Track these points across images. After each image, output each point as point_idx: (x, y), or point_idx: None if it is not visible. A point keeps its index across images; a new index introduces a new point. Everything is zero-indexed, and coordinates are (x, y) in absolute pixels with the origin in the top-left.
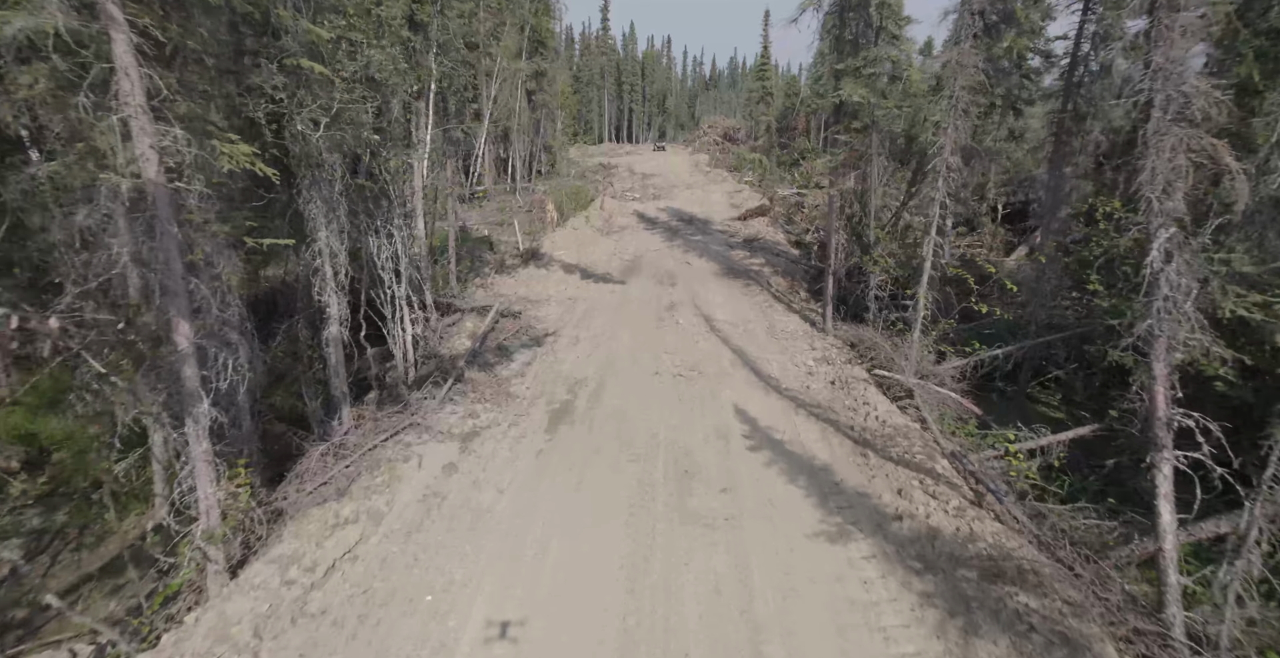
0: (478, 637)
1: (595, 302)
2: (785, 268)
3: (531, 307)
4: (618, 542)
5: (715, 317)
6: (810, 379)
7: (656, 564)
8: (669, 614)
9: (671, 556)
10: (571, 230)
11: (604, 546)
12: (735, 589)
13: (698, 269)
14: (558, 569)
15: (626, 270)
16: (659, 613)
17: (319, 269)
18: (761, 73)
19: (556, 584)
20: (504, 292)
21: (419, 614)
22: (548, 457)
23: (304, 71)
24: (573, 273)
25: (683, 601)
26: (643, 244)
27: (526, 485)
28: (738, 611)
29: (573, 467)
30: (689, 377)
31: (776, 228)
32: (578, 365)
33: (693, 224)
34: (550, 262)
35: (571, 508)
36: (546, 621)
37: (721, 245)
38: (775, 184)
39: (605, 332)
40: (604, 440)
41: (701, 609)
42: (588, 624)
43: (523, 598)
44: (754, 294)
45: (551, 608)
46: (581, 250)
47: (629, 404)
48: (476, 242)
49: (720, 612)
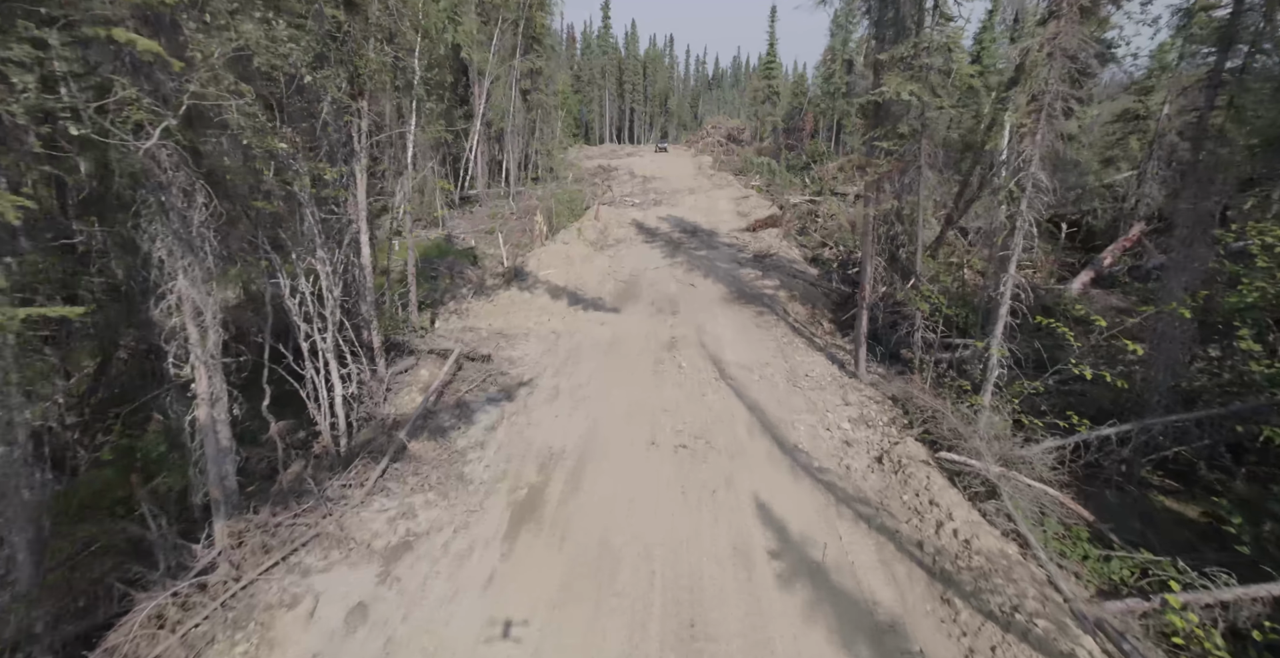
0: None
1: (582, 337)
2: (803, 291)
3: (506, 344)
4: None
5: (725, 357)
6: (849, 454)
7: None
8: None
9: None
10: (561, 245)
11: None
12: None
13: (703, 293)
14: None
15: (621, 294)
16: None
17: (176, 331)
18: (768, 71)
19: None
20: (477, 323)
21: None
22: (498, 592)
23: (122, 47)
24: (559, 297)
25: None
26: (641, 260)
27: (461, 652)
28: None
29: (530, 617)
30: (695, 449)
31: (790, 241)
32: (555, 429)
33: (697, 236)
34: (535, 283)
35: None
36: None
37: (729, 262)
38: (785, 189)
39: (592, 380)
40: (578, 566)
41: None
42: None
43: None
44: (769, 325)
45: None
46: (571, 269)
47: (616, 498)
48: (459, 255)
49: None
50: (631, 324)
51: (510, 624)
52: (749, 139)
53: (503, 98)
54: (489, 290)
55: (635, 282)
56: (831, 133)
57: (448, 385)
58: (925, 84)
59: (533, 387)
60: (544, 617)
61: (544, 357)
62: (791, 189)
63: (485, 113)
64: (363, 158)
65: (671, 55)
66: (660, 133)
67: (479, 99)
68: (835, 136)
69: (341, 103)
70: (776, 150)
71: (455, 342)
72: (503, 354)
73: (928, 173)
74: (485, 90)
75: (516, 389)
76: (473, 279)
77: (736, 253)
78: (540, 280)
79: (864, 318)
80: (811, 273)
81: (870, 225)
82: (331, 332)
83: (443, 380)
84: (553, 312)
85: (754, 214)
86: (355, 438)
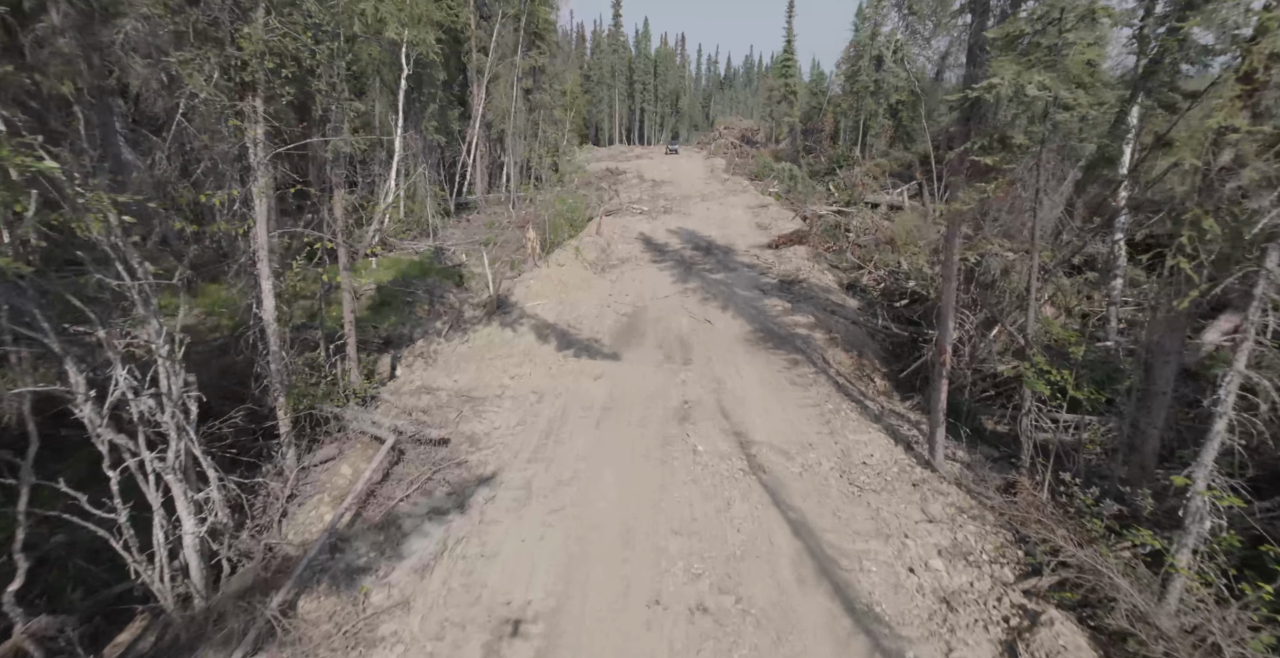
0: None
1: (570, 400)
2: (845, 332)
3: (470, 413)
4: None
5: (754, 434)
6: (955, 631)
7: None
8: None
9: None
10: (556, 267)
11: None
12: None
13: (721, 332)
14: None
15: (623, 333)
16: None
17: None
18: (785, 68)
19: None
20: (440, 380)
21: None
22: None
23: None
24: (547, 338)
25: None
26: (648, 286)
27: None
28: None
29: None
30: (719, 616)
31: (820, 262)
32: (518, 569)
33: (711, 254)
34: (521, 317)
35: None
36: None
37: (750, 288)
38: (808, 198)
39: (577, 474)
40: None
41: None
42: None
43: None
44: (806, 382)
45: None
46: (566, 298)
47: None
48: (442, 274)
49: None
50: (634, 378)
51: None
52: (763, 141)
53: (504, 98)
54: (467, 324)
55: (640, 315)
56: (859, 134)
57: (377, 488)
58: (1064, 74)
59: (496, 485)
60: None
61: (517, 433)
62: (815, 198)
63: (485, 114)
64: (259, 177)
65: (683, 54)
66: (671, 134)
67: (477, 99)
68: (861, 139)
69: (217, 101)
70: (794, 153)
71: (404, 413)
72: (465, 429)
73: (1047, 200)
74: (484, 89)
75: (474, 491)
76: (454, 304)
77: (758, 277)
78: (527, 314)
79: (943, 391)
80: (851, 306)
81: (951, 269)
82: (176, 443)
83: (369, 482)
84: (537, 359)
85: (775, 227)
86: (223, 590)
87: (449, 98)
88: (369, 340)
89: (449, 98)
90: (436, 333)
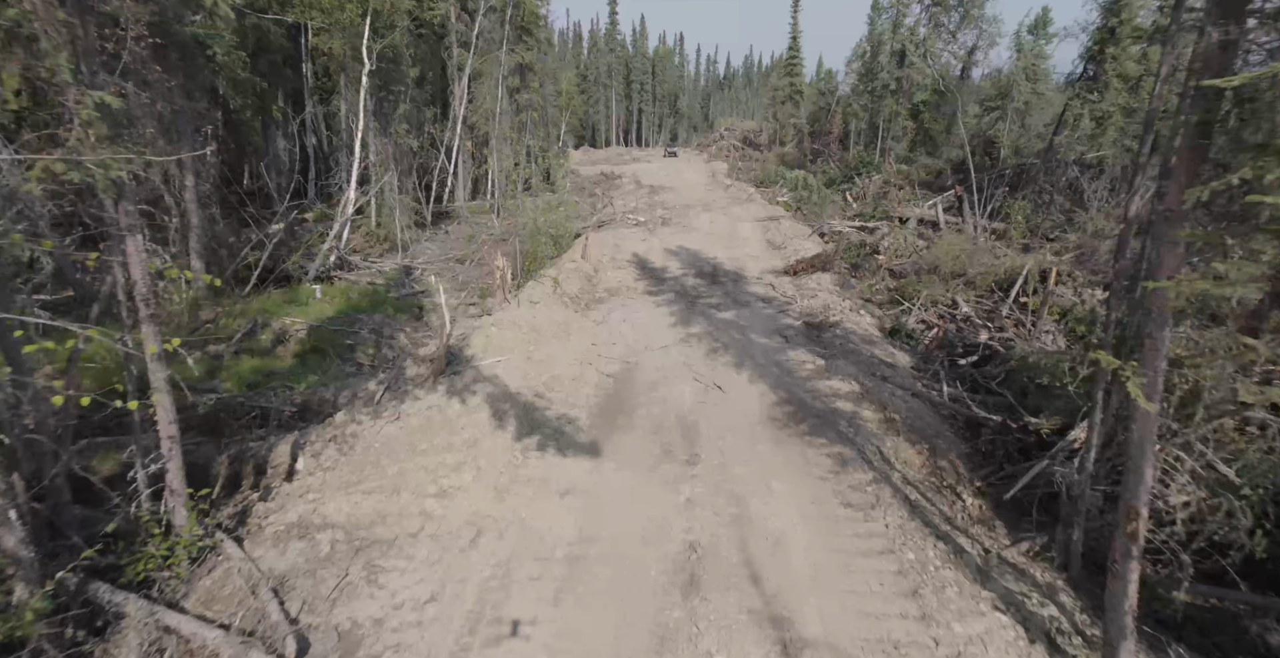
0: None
1: (519, 545)
2: (906, 410)
3: (362, 578)
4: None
5: (804, 630)
6: None
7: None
8: None
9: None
10: (529, 306)
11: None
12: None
13: (738, 405)
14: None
15: (605, 410)
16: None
17: None
18: (790, 67)
19: None
20: (328, 507)
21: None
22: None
23: None
24: (503, 419)
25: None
26: (641, 330)
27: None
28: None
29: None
30: None
31: (850, 295)
32: None
33: (718, 282)
34: (475, 382)
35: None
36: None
37: (770, 333)
38: (823, 209)
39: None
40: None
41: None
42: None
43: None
44: (866, 501)
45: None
46: (536, 350)
47: None
48: (397, 308)
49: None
50: (617, 494)
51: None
52: (767, 143)
53: (489, 98)
54: (408, 387)
55: (630, 377)
56: (875, 137)
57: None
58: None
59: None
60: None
61: (425, 624)
62: (832, 210)
63: (467, 115)
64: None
65: (681, 54)
66: (669, 136)
67: (459, 99)
68: (880, 142)
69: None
70: (801, 157)
71: (249, 591)
72: (341, 617)
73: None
74: (465, 88)
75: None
76: (404, 347)
77: (777, 315)
78: (484, 375)
79: (1132, 581)
80: (902, 363)
81: (1159, 379)
82: None
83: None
84: (485, 455)
85: (790, 247)
86: None
87: (425, 97)
88: (270, 412)
89: (425, 97)
90: (365, 401)
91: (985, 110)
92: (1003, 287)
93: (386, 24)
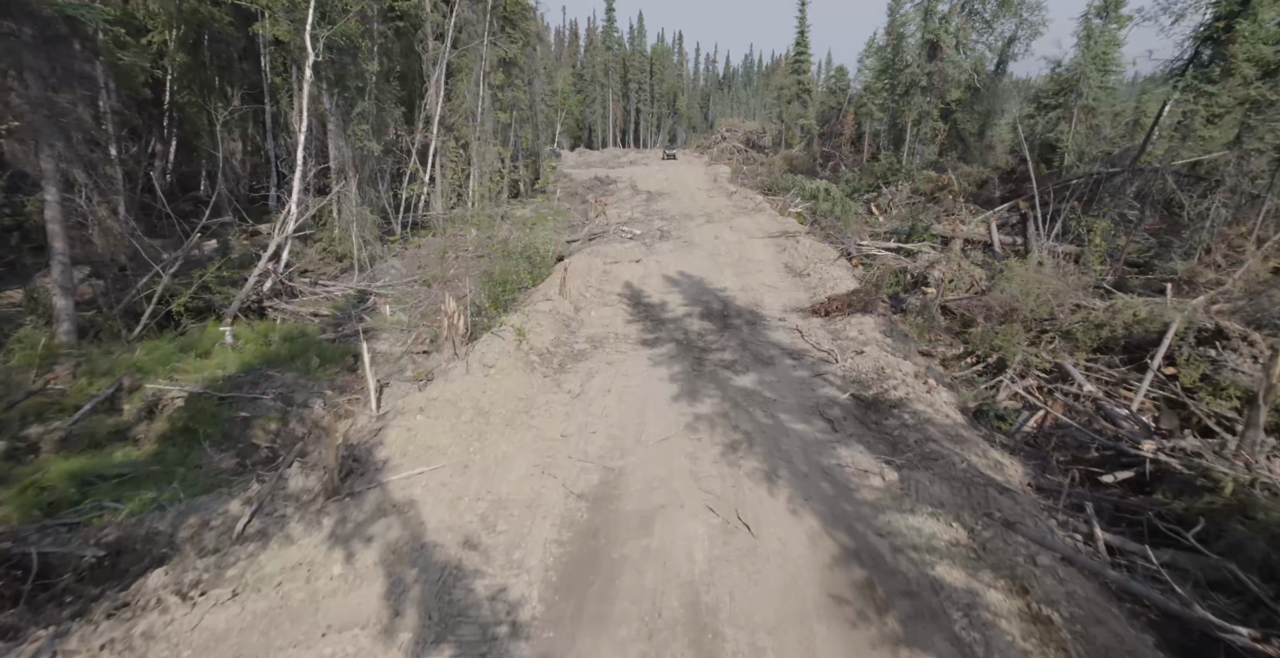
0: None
1: None
2: (1066, 597)
3: None
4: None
5: None
6: None
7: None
8: None
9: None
10: (481, 371)
11: None
12: None
13: (774, 574)
14: None
15: (570, 572)
16: None
17: None
18: (797, 64)
19: None
20: None
21: None
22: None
23: None
24: (401, 609)
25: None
26: (631, 409)
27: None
28: None
29: None
30: None
31: (910, 351)
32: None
33: (730, 327)
34: (376, 515)
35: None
36: None
37: (806, 411)
38: (846, 223)
39: None
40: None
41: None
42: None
43: None
44: None
45: None
46: (480, 452)
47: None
48: (325, 358)
49: None
50: None
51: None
52: (771, 145)
53: (468, 96)
54: (290, 506)
55: (611, 502)
56: (897, 138)
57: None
58: None
59: None
60: None
61: None
62: (856, 224)
63: (445, 115)
64: None
65: (680, 52)
66: (668, 136)
67: (435, 96)
68: (909, 144)
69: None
70: (811, 161)
71: None
72: None
73: None
74: (440, 84)
75: None
76: (315, 421)
77: (813, 380)
78: (392, 504)
79: None
80: (1017, 482)
81: None
82: None
83: None
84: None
85: (814, 273)
86: None
87: (396, 94)
88: (68, 559)
89: (396, 94)
90: (220, 536)
91: (1040, 109)
92: (1125, 345)
93: (338, 8)
